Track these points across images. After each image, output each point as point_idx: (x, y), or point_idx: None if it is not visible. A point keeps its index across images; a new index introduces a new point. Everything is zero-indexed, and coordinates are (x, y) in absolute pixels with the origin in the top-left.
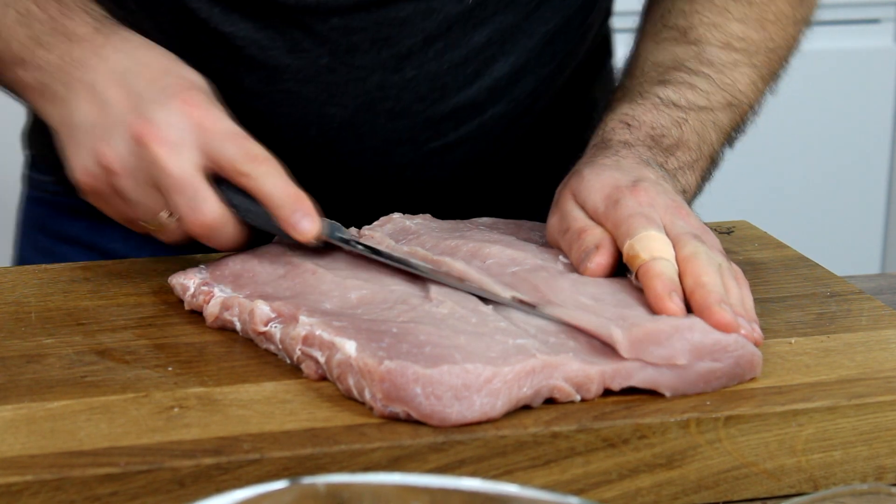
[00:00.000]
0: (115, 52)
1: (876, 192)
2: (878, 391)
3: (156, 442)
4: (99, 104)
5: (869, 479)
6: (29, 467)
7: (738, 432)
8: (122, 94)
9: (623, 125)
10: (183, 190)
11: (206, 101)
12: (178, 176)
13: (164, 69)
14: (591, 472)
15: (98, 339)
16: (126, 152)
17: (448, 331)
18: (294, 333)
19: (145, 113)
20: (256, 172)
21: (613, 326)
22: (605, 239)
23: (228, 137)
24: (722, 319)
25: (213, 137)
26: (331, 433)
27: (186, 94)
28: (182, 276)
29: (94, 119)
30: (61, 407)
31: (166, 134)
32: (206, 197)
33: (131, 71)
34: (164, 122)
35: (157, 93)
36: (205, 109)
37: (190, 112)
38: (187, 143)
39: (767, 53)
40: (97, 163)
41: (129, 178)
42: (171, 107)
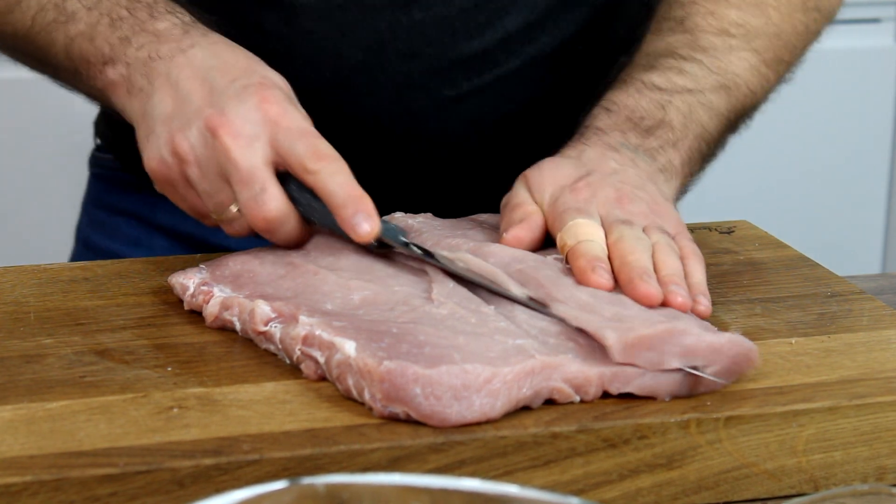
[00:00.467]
0: (199, 50)
1: (877, 191)
2: (878, 391)
3: (155, 442)
4: (178, 97)
5: (870, 480)
6: (28, 468)
7: (738, 432)
8: (202, 89)
9: (604, 110)
10: (249, 183)
11: (282, 100)
12: (245, 168)
13: (246, 68)
14: (592, 472)
15: (97, 340)
16: (199, 143)
17: (447, 331)
18: (294, 333)
19: (222, 107)
20: (322, 170)
21: (608, 329)
22: (534, 217)
23: (299, 135)
24: (644, 291)
25: (284, 134)
26: (330, 433)
27: (265, 92)
28: (181, 275)
29: (172, 111)
30: (60, 407)
31: (240, 127)
32: (270, 191)
33: (214, 68)
34: (239, 116)
35: (236, 89)
36: (280, 107)
37: (266, 109)
38: (259, 138)
39: (770, 38)
40: (171, 151)
41: (199, 168)
42: (247, 102)
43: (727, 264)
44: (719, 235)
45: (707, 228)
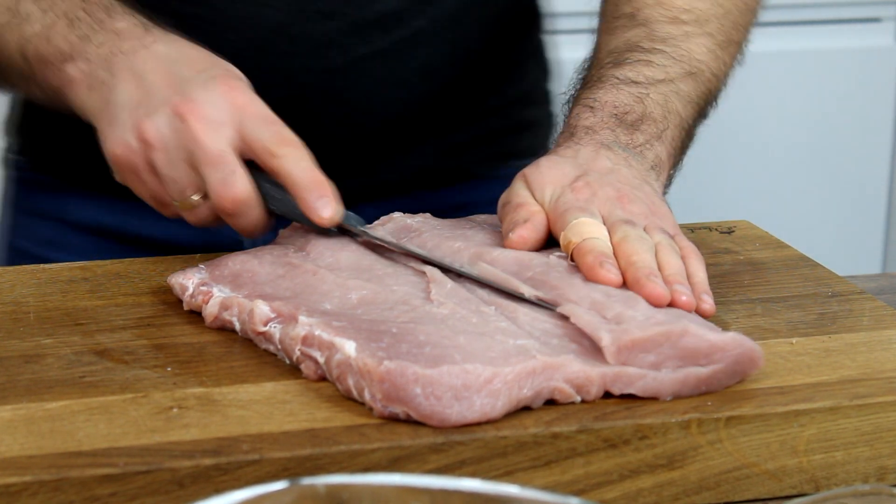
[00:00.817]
0: (162, 45)
1: (877, 191)
2: (879, 391)
3: (155, 442)
4: (144, 87)
5: (871, 480)
6: (27, 468)
7: (739, 433)
8: (168, 79)
9: (587, 108)
10: (216, 164)
11: (248, 89)
12: (212, 151)
13: (209, 61)
14: (592, 472)
15: (97, 340)
16: (167, 128)
17: (448, 331)
18: (293, 333)
19: (188, 92)
20: (287, 155)
21: (603, 331)
22: (538, 217)
23: (265, 121)
24: (652, 291)
25: (251, 120)
26: (330, 434)
27: (231, 82)
28: (181, 275)
29: (138, 99)
30: (60, 407)
31: (207, 111)
32: (237, 173)
33: (178, 61)
34: (206, 100)
35: (203, 79)
36: (247, 96)
37: (232, 96)
38: (226, 123)
39: (720, 20)
40: (137, 136)
41: (165, 153)
42: (214, 90)
43: (727, 264)
44: (719, 235)
45: (707, 228)
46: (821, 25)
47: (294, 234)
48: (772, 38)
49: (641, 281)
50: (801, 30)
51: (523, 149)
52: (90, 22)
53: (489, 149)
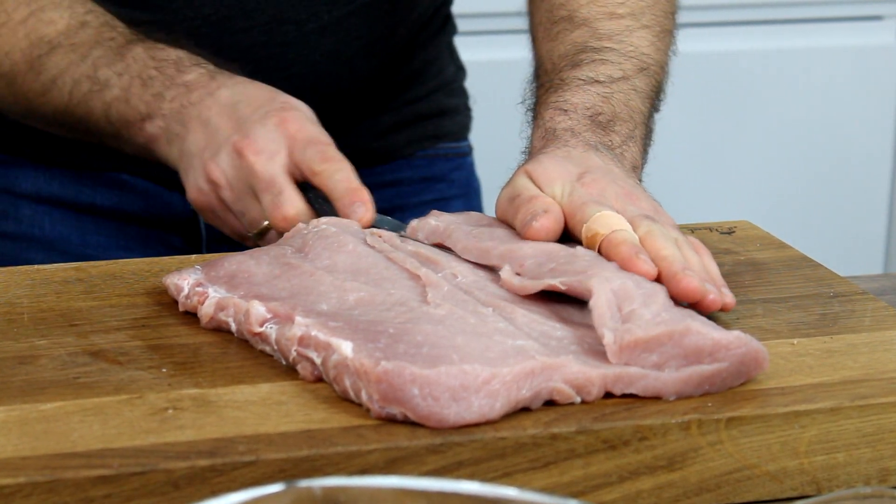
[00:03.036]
0: (225, 90)
1: (879, 191)
2: (881, 392)
3: (150, 443)
4: (209, 132)
5: (872, 482)
6: (21, 469)
7: (739, 434)
8: (230, 121)
9: (560, 111)
10: (269, 188)
11: (300, 118)
12: (267, 178)
13: (269, 98)
14: (591, 474)
15: (91, 340)
16: (229, 166)
17: (446, 331)
18: (290, 334)
19: (246, 130)
20: (326, 170)
21: (606, 329)
22: (554, 206)
23: (310, 143)
24: (689, 285)
25: (298, 144)
26: (327, 435)
27: (284, 114)
28: (176, 276)
29: (204, 144)
30: (54, 408)
31: (262, 145)
32: (287, 193)
33: (240, 102)
34: (261, 136)
35: (260, 115)
36: (298, 124)
37: (285, 127)
38: (279, 152)
39: (651, 10)
40: (206, 179)
41: (231, 189)
42: (268, 124)
43: (728, 265)
44: (720, 236)
45: (707, 229)
46: (821, 24)
47: (295, 235)
48: (772, 37)
49: (679, 275)
50: (801, 28)
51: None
52: (162, 79)
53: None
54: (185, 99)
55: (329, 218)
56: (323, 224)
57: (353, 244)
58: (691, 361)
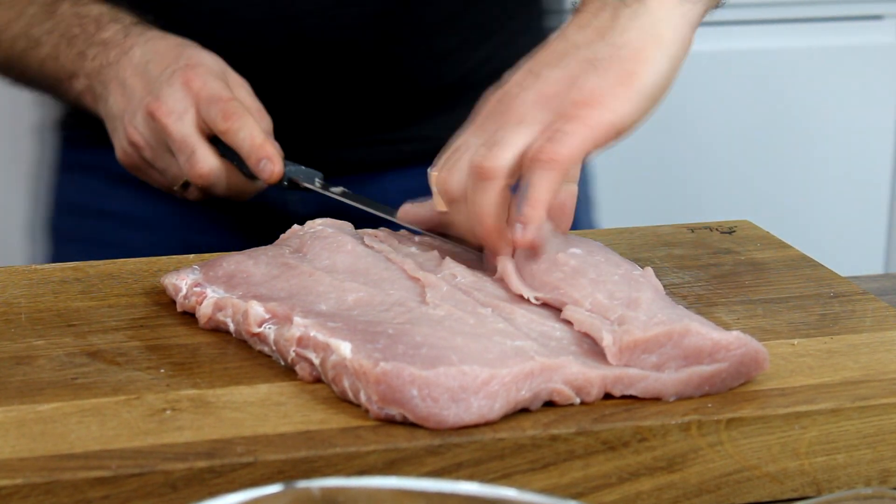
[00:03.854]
0: (138, 49)
1: (879, 190)
2: (882, 393)
3: (148, 445)
4: (125, 94)
5: (873, 483)
6: (19, 471)
7: (739, 435)
8: (142, 82)
9: None
10: (182, 148)
11: (204, 74)
12: (177, 137)
13: (175, 55)
14: (591, 475)
15: (89, 341)
16: (145, 128)
17: (445, 332)
18: (288, 335)
19: (156, 91)
20: (230, 128)
21: (605, 331)
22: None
23: (213, 101)
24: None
25: (203, 102)
26: (326, 436)
27: (189, 73)
28: (174, 276)
29: (123, 107)
30: (52, 409)
31: (171, 106)
32: (199, 152)
33: (150, 61)
34: (169, 95)
35: (167, 75)
36: (201, 81)
37: (189, 84)
38: (188, 111)
39: None
40: (128, 142)
41: (150, 149)
42: (175, 84)
43: (728, 265)
44: (720, 235)
45: (708, 228)
46: (822, 23)
47: (291, 237)
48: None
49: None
50: (802, 27)
51: None
52: (84, 37)
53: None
54: (104, 58)
55: (325, 219)
56: (319, 225)
57: (352, 245)
58: (691, 362)
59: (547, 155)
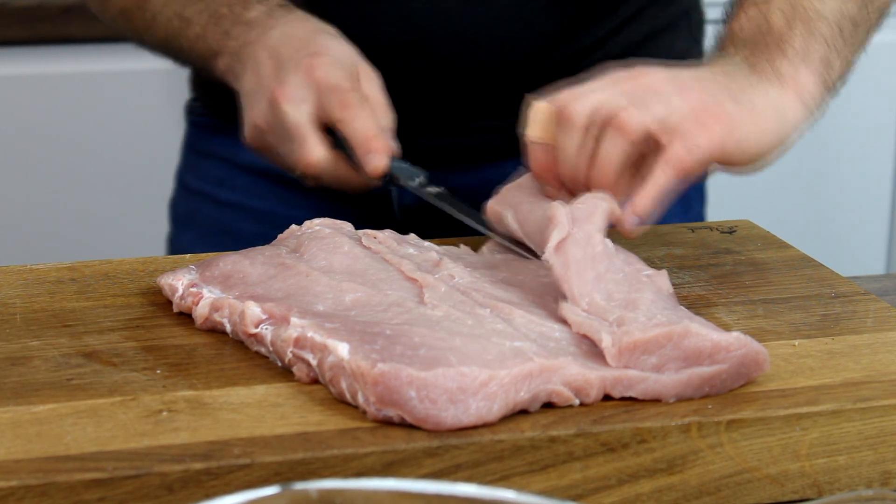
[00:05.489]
0: (276, 31)
1: (881, 190)
2: (883, 394)
3: (144, 446)
4: (257, 75)
5: (874, 485)
6: (14, 472)
7: (740, 436)
8: (272, 65)
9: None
10: (294, 135)
11: (328, 63)
12: (292, 124)
13: (307, 41)
14: (590, 477)
15: (85, 341)
16: (268, 113)
17: (443, 333)
18: (285, 335)
19: (282, 77)
20: (345, 118)
21: (604, 332)
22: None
23: (333, 90)
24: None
25: (323, 92)
26: (323, 437)
27: (315, 60)
28: (171, 276)
29: (253, 87)
30: (47, 410)
31: (292, 93)
32: (311, 140)
33: (283, 45)
34: (292, 83)
35: (296, 61)
36: (324, 71)
37: (312, 73)
38: (307, 100)
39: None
40: (253, 125)
41: (272, 134)
42: (299, 70)
43: (729, 264)
44: (721, 235)
45: (708, 228)
46: None
47: (288, 237)
48: None
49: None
50: None
51: None
52: (230, 17)
53: None
54: (245, 38)
55: (323, 219)
56: (317, 225)
57: (349, 245)
58: (691, 363)
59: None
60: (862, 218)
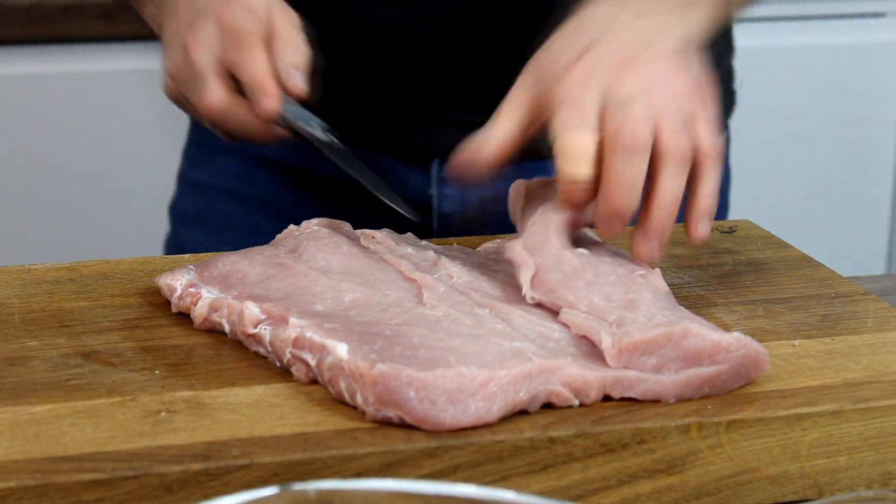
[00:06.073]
0: None
1: (881, 190)
2: (884, 395)
3: (142, 447)
4: (176, 24)
5: (875, 485)
6: (12, 473)
7: (740, 437)
8: (188, 13)
9: None
10: (198, 80)
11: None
12: (196, 69)
13: None
14: (590, 477)
15: (83, 342)
16: (180, 60)
17: (442, 333)
18: (284, 335)
19: (195, 26)
20: (238, 59)
21: (604, 333)
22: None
23: (229, 33)
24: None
25: (225, 36)
26: (322, 438)
27: (223, 6)
28: (169, 276)
29: (171, 36)
30: (45, 411)
31: (201, 38)
32: (210, 84)
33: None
34: (202, 29)
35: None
36: (231, 16)
37: (221, 18)
38: (213, 45)
39: None
40: (169, 74)
41: (183, 83)
42: (209, 17)
43: (728, 264)
44: (720, 235)
45: None
46: (824, 21)
47: (287, 237)
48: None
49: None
50: (803, 25)
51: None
52: None
53: None
54: None
55: (322, 219)
56: (316, 225)
57: (348, 246)
58: (690, 364)
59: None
60: (862, 218)
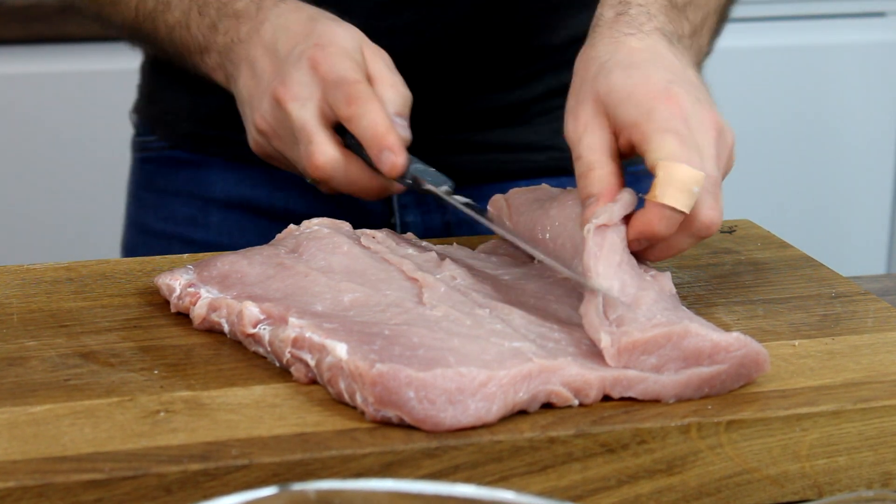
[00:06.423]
0: (269, 25)
1: (882, 190)
2: (884, 395)
3: (141, 447)
4: (255, 76)
5: (875, 486)
6: (11, 473)
7: (740, 437)
8: (271, 64)
9: None
10: (301, 137)
11: (334, 55)
12: (298, 124)
13: (306, 32)
14: (590, 478)
15: (82, 342)
16: (272, 115)
17: (442, 333)
18: (283, 335)
19: (283, 74)
20: (353, 115)
21: (603, 333)
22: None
23: (337, 84)
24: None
25: (329, 87)
26: (321, 438)
27: (317, 52)
28: (168, 276)
29: (252, 90)
30: (44, 411)
31: (296, 91)
32: (318, 141)
33: (279, 40)
34: (295, 80)
35: (295, 56)
36: (328, 64)
37: (317, 67)
38: (312, 97)
39: None
40: (257, 131)
41: (278, 138)
42: (301, 66)
43: (728, 264)
44: (720, 235)
45: None
46: (824, 20)
47: (287, 237)
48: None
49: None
50: (803, 25)
51: None
52: (216, 6)
53: None
54: (235, 34)
55: (322, 219)
56: (316, 225)
57: (348, 246)
58: (690, 364)
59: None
60: (862, 218)
